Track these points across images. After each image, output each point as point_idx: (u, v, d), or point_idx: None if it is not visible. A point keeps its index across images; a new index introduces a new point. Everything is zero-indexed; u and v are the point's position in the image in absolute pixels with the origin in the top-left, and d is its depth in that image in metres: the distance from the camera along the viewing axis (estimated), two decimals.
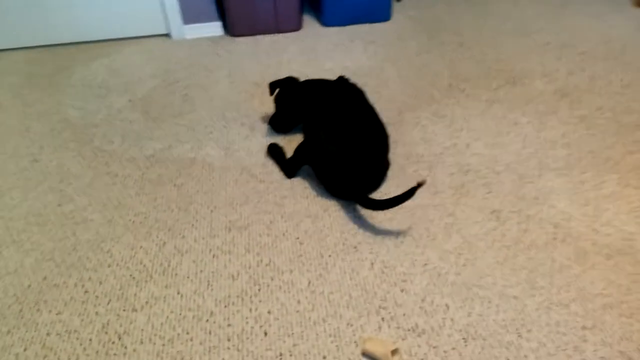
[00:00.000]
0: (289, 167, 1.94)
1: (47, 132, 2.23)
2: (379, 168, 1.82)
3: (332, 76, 2.49)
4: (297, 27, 2.88)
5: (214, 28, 2.89)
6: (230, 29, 2.87)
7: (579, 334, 1.42)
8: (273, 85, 2.10)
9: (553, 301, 1.50)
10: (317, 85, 2.04)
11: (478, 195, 1.84)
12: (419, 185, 1.60)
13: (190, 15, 2.84)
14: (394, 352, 1.37)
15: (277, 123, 2.12)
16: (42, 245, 1.72)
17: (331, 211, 1.81)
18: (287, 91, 2.07)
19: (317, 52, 2.69)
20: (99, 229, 1.78)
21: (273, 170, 1.98)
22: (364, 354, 1.38)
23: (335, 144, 1.78)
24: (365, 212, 1.79)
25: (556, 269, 1.59)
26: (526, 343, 1.40)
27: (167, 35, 2.92)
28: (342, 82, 2.04)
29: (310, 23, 2.96)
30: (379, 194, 1.84)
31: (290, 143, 2.09)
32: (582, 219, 1.74)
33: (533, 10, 2.96)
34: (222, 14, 2.90)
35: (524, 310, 1.48)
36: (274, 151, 2.02)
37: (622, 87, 2.33)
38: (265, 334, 1.44)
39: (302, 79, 2.47)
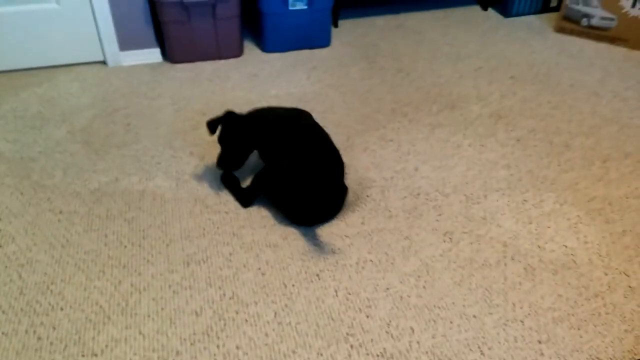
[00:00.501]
0: (246, 196, 1.92)
1: None
2: (342, 192, 1.85)
3: (277, 103, 2.50)
4: (238, 53, 2.88)
5: (153, 54, 2.84)
6: (170, 56, 2.82)
7: (536, 348, 1.50)
8: (212, 125, 1.93)
9: (509, 318, 1.58)
10: (263, 116, 1.98)
11: (430, 218, 1.91)
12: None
13: (127, 42, 2.77)
14: None
15: (226, 163, 1.95)
16: None
17: (290, 239, 1.81)
18: (230, 128, 1.92)
19: (261, 78, 2.70)
20: (47, 269, 1.69)
21: (227, 199, 1.96)
22: None
23: (298, 172, 1.78)
24: (325, 239, 1.81)
25: (509, 286, 1.67)
26: None
27: (102, 62, 2.83)
28: (292, 110, 2.05)
29: (251, 49, 2.97)
30: (337, 220, 1.87)
31: (240, 172, 2.08)
32: (528, 237, 1.84)
33: (462, 37, 3.13)
34: (161, 40, 2.85)
35: (483, 328, 1.55)
36: (228, 180, 2.00)
37: (551, 109, 2.50)
38: None
39: (246, 106, 2.47)
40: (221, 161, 1.95)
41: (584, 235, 1.85)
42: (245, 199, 1.93)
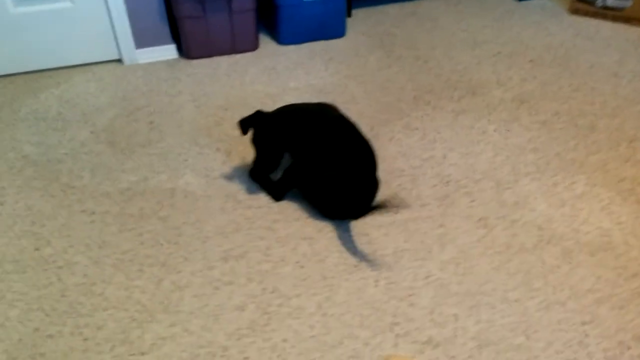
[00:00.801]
0: (277, 190, 1.92)
1: (5, 171, 2.09)
2: (374, 185, 1.85)
3: (298, 95, 2.50)
4: (254, 46, 2.87)
5: (168, 51, 2.82)
6: (186, 52, 2.81)
7: (580, 330, 1.51)
8: (244, 125, 1.91)
9: (551, 301, 1.58)
10: (292, 112, 1.95)
11: (463, 205, 1.91)
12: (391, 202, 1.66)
13: (142, 39, 2.76)
14: None
15: (263, 167, 1.94)
16: (26, 295, 1.62)
17: (325, 232, 1.81)
18: (262, 129, 1.90)
19: (278, 71, 2.69)
20: (86, 271, 1.69)
21: (258, 194, 1.96)
22: None
23: (331, 168, 1.78)
24: (360, 231, 1.81)
25: (548, 269, 1.68)
26: (535, 344, 1.47)
27: (118, 60, 2.81)
28: (318, 105, 2.04)
29: (265, 42, 2.95)
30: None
31: None
32: (562, 220, 1.84)
33: (477, 22, 3.11)
34: (176, 36, 2.84)
35: (526, 312, 1.55)
36: (258, 175, 2.00)
37: (572, 91, 2.49)
38: None
39: (266, 100, 2.46)
40: (257, 166, 1.94)
41: (617, 216, 1.86)
42: (277, 193, 1.93)
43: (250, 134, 1.95)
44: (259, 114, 1.90)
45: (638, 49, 2.83)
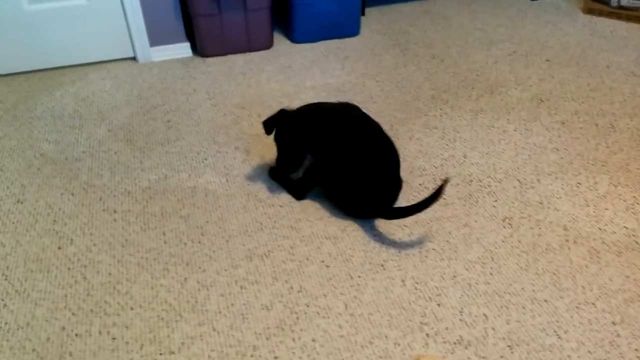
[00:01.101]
0: (299, 189, 1.91)
1: (24, 169, 2.08)
2: (397, 184, 1.84)
3: (315, 94, 2.48)
4: (268, 45, 2.86)
5: (183, 49, 2.81)
6: (200, 50, 2.80)
7: (611, 330, 1.50)
8: (268, 125, 1.90)
9: (580, 301, 1.57)
10: (315, 111, 1.94)
11: (487, 204, 1.90)
12: (445, 182, 1.63)
13: (157, 37, 2.75)
14: None
15: (285, 165, 1.93)
16: (51, 293, 1.60)
17: (349, 231, 1.80)
18: (285, 127, 1.89)
19: (294, 70, 2.68)
20: (111, 270, 1.68)
21: (280, 193, 1.95)
22: None
23: (353, 167, 1.77)
24: (384, 230, 1.80)
25: (576, 269, 1.67)
26: (567, 344, 1.46)
27: (132, 58, 2.80)
28: (340, 104, 2.02)
29: (280, 40, 2.94)
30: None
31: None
32: (587, 220, 1.84)
33: (491, 21, 3.10)
34: (190, 34, 2.82)
35: (556, 312, 1.54)
36: (278, 174, 1.98)
37: (591, 91, 2.49)
38: None
39: (283, 99, 2.45)
40: (280, 164, 1.93)
41: None
42: (298, 191, 1.92)
43: (273, 132, 1.93)
44: (282, 113, 1.88)
45: None
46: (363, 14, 3.15)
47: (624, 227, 1.81)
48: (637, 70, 2.64)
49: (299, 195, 1.92)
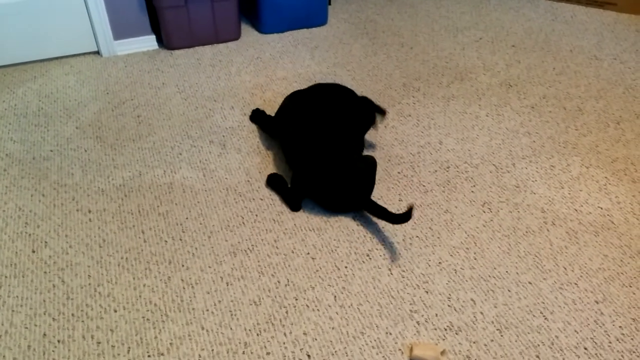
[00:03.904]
0: (292, 200, 1.85)
1: None
2: (370, 166, 1.80)
3: (287, 85, 2.46)
4: (236, 36, 2.81)
5: (148, 42, 2.73)
6: (166, 42, 2.72)
7: (595, 308, 1.54)
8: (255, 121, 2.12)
9: (563, 281, 1.61)
10: (286, 107, 2.01)
11: (465, 190, 1.92)
12: (411, 208, 1.62)
13: (121, 30, 2.66)
14: (443, 353, 1.40)
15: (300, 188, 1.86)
16: (29, 299, 1.54)
17: (332, 222, 1.80)
18: (262, 126, 2.09)
19: (264, 60, 2.64)
20: (90, 271, 1.62)
21: (259, 186, 1.93)
22: None
23: (328, 170, 1.78)
24: (367, 219, 1.80)
25: (556, 250, 1.71)
26: (553, 324, 1.49)
27: (96, 52, 2.70)
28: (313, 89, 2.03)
29: (247, 31, 2.89)
30: (374, 198, 1.86)
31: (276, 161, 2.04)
32: (563, 201, 1.88)
33: (456, 8, 3.13)
34: (155, 27, 2.74)
35: (541, 294, 1.58)
36: (275, 182, 1.92)
37: (557, 75, 2.54)
38: (309, 356, 1.41)
39: (255, 91, 2.42)
40: (293, 185, 1.89)
41: (615, 195, 1.90)
42: (293, 203, 1.84)
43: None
44: (255, 112, 2.04)
45: (614, 32, 2.91)
46: (330, 3, 3.13)
47: (599, 207, 1.86)
48: (599, 53, 2.72)
49: (294, 206, 1.85)
